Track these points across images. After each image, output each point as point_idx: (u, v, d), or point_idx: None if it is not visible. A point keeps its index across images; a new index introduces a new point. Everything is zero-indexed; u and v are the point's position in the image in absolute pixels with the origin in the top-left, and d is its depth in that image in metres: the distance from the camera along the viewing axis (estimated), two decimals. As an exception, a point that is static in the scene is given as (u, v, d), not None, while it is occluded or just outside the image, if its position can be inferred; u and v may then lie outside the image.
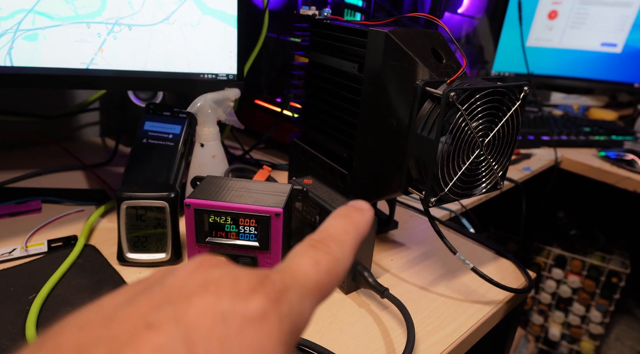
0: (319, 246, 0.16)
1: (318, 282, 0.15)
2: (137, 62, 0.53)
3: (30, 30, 0.48)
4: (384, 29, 0.43)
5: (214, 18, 0.54)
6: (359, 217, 0.18)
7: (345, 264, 0.16)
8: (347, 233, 0.17)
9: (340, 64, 0.50)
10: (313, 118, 0.57)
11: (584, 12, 1.17)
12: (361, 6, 0.74)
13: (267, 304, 0.13)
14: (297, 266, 0.15)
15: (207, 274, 0.13)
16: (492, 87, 0.40)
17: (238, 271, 0.14)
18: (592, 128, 1.07)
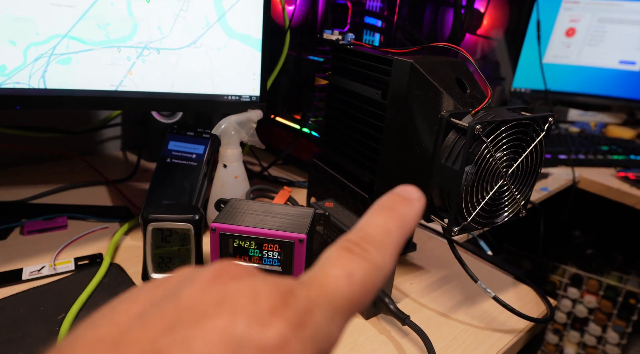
0: (355, 250, 0.14)
1: (351, 298, 0.13)
2: (164, 84, 0.54)
3: (64, 54, 0.49)
4: (408, 58, 0.44)
5: (240, 42, 0.55)
6: (406, 210, 0.15)
7: (386, 272, 0.14)
8: (390, 233, 0.14)
9: (363, 89, 0.51)
10: (334, 140, 0.58)
11: (602, 30, 1.16)
12: (380, 27, 0.75)
13: (288, 330, 0.11)
14: (327, 278, 0.13)
15: (225, 289, 0.12)
16: (517, 119, 0.40)
17: (259, 285, 0.12)
18: (610, 147, 1.06)
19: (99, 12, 0.49)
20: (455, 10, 0.71)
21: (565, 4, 1.17)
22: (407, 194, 0.16)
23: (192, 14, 0.52)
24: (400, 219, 0.15)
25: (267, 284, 0.12)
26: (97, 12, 0.49)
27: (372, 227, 0.15)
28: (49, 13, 0.47)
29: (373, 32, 0.75)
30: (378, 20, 0.75)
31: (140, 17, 0.50)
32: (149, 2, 0.50)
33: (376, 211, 0.15)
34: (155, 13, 0.51)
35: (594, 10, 1.15)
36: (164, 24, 0.51)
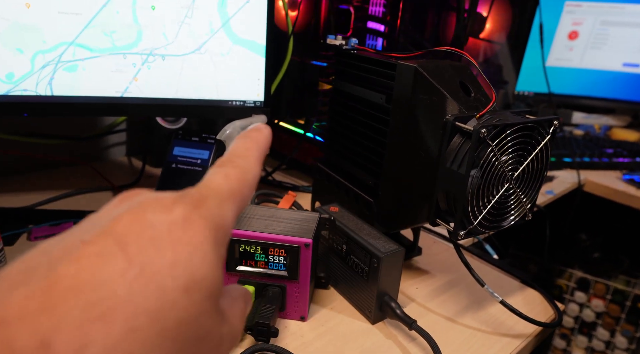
0: (226, 163, 0.18)
1: (231, 189, 0.17)
2: (168, 90, 0.55)
3: (71, 61, 0.50)
4: (412, 62, 0.44)
5: (244, 48, 0.56)
6: (257, 135, 0.20)
7: (253, 173, 0.18)
8: (249, 149, 0.19)
9: (367, 94, 0.51)
10: (338, 144, 0.58)
11: (605, 33, 1.16)
12: (383, 31, 0.75)
13: (188, 209, 0.14)
14: (210, 181, 0.17)
15: (131, 201, 0.15)
16: (523, 122, 0.40)
17: (158, 193, 0.15)
18: (615, 150, 1.05)
19: (105, 20, 0.49)
20: (458, 14, 0.71)
21: (568, 7, 1.17)
22: (257, 127, 0.21)
23: (196, 21, 0.52)
24: (255, 140, 0.20)
25: (165, 192, 0.15)
26: (102, 20, 0.49)
27: (235, 149, 0.19)
28: (56, 21, 0.47)
29: (376, 37, 0.75)
30: (381, 24, 0.75)
31: (145, 24, 0.51)
32: (154, 9, 0.50)
33: (236, 140, 0.20)
34: (160, 20, 0.51)
35: (597, 13, 1.15)
36: (168, 30, 0.52)
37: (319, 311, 0.46)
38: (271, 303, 0.41)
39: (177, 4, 0.51)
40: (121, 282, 0.12)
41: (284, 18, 0.78)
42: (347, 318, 0.45)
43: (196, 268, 0.13)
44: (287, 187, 0.76)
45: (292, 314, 0.44)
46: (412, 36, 0.73)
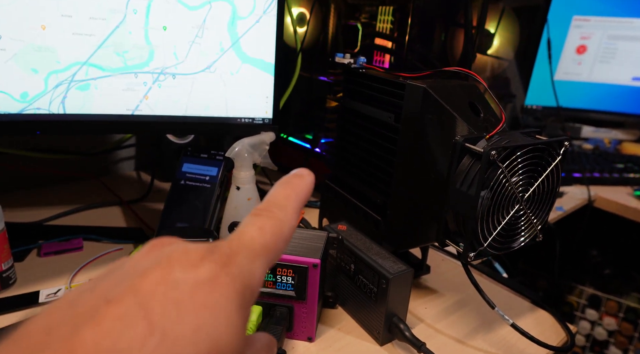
0: (262, 213, 0.17)
1: (264, 244, 0.16)
2: (178, 108, 0.55)
3: (83, 80, 0.51)
4: (421, 82, 0.44)
5: (253, 66, 0.56)
6: (299, 182, 0.19)
7: (290, 225, 0.18)
8: (288, 198, 0.18)
9: (375, 112, 0.51)
10: (346, 161, 0.58)
11: (613, 47, 1.16)
12: (391, 48, 0.75)
13: (216, 268, 0.14)
14: (243, 233, 0.16)
15: (160, 253, 0.15)
16: (533, 144, 0.40)
17: (188, 246, 0.15)
18: (626, 165, 1.04)
19: (118, 40, 0.50)
20: (466, 31, 0.71)
21: (576, 21, 1.17)
22: (299, 172, 0.20)
23: (207, 40, 0.53)
24: (295, 188, 0.19)
25: (195, 244, 0.15)
26: (115, 40, 0.50)
27: (274, 196, 0.19)
28: (70, 42, 0.48)
29: (384, 54, 0.76)
30: (388, 41, 0.75)
31: (157, 44, 0.52)
32: (165, 29, 0.51)
33: (276, 186, 0.19)
34: (172, 40, 0.52)
35: (605, 27, 1.15)
36: (179, 50, 0.53)
37: (327, 331, 0.46)
38: (279, 323, 0.41)
39: (189, 24, 0.52)
40: (142, 351, 0.12)
41: (292, 34, 0.79)
42: (355, 339, 0.45)
43: (220, 334, 0.13)
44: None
45: (299, 335, 0.44)
46: (419, 53, 0.74)
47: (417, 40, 0.74)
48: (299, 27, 0.87)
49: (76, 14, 0.48)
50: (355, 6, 0.83)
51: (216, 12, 0.52)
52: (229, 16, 0.53)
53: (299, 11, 0.86)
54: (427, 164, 0.45)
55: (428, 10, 0.72)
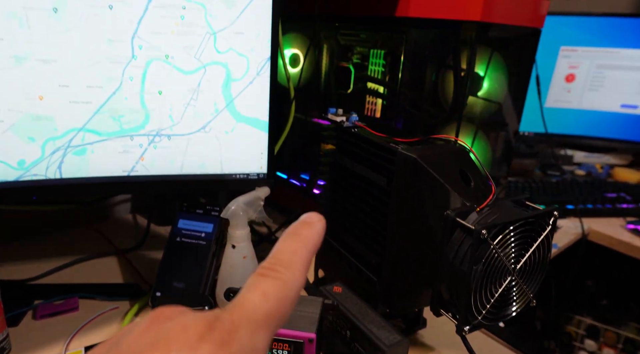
0: (267, 273, 0.16)
1: (268, 312, 0.15)
2: (174, 168, 0.56)
3: (80, 145, 0.51)
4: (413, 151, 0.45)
5: (247, 125, 0.57)
6: (308, 232, 0.18)
7: (297, 285, 0.16)
8: (296, 253, 0.17)
9: (368, 173, 0.52)
10: (339, 215, 0.59)
11: (602, 76, 1.18)
12: (382, 93, 0.76)
13: (216, 349, 0.13)
14: (245, 300, 0.15)
15: (159, 330, 0.14)
16: (523, 218, 0.41)
17: (188, 320, 0.14)
18: (618, 194, 1.05)
19: (114, 106, 0.51)
20: (455, 76, 0.73)
21: (563, 51, 1.19)
22: (308, 219, 0.19)
23: (202, 102, 0.54)
24: (304, 240, 0.18)
25: (195, 317, 0.14)
26: (112, 106, 0.51)
27: (280, 252, 0.17)
28: (67, 110, 0.49)
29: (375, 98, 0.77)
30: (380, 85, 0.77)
31: (152, 108, 0.52)
32: (161, 93, 0.52)
33: (283, 238, 0.18)
34: (167, 103, 0.53)
35: (592, 57, 1.17)
36: (175, 112, 0.53)
37: (324, 398, 0.46)
38: (276, 398, 0.41)
39: (184, 88, 0.53)
40: None
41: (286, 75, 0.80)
42: (352, 407, 0.45)
43: None
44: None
45: (296, 405, 0.44)
46: (411, 97, 0.75)
47: (408, 84, 0.75)
48: (293, 68, 0.89)
49: (74, 84, 0.48)
50: (348, 47, 0.84)
51: (211, 76, 0.53)
52: (223, 79, 0.53)
53: (292, 52, 0.88)
54: (419, 230, 0.45)
55: (418, 54, 0.73)
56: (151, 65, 0.50)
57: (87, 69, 0.48)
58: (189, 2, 0.49)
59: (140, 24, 0.48)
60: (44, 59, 0.46)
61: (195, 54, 0.51)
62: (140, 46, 0.49)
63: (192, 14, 0.49)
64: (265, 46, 0.54)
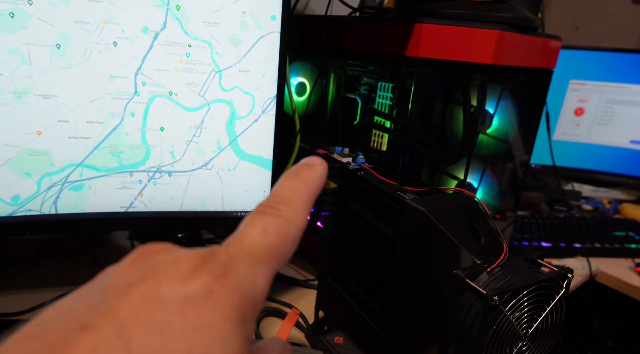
0: (267, 210, 0.15)
1: (268, 248, 0.14)
2: (174, 204, 0.54)
3: (77, 181, 0.50)
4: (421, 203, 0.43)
5: (251, 163, 0.55)
6: (309, 173, 0.17)
7: (298, 223, 0.15)
8: (297, 192, 0.16)
9: (373, 219, 0.50)
10: (341, 257, 0.57)
11: (611, 111, 1.17)
12: (389, 127, 0.75)
13: (210, 280, 0.12)
14: (244, 235, 0.14)
15: (146, 264, 0.13)
16: (536, 282, 0.38)
17: (180, 253, 0.13)
18: (627, 233, 1.03)
19: (114, 142, 0.49)
20: (465, 113, 0.71)
21: (573, 85, 1.18)
22: (310, 161, 0.18)
23: (204, 139, 0.52)
24: (305, 180, 0.17)
25: (188, 251, 0.13)
26: (111, 142, 0.49)
27: (281, 190, 0.16)
28: (66, 146, 0.48)
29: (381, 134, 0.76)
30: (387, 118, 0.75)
31: (153, 145, 0.51)
32: (162, 130, 0.51)
33: (284, 177, 0.17)
34: (169, 140, 0.51)
35: (602, 91, 1.16)
36: (176, 149, 0.52)
37: None
38: None
39: (186, 125, 0.51)
40: None
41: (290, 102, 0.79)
42: None
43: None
44: (289, 281, 0.74)
45: None
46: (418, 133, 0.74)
47: (416, 120, 0.74)
48: (299, 96, 0.88)
49: (73, 119, 0.47)
50: (355, 77, 0.83)
51: (214, 113, 0.52)
52: (227, 116, 0.52)
53: (298, 81, 0.87)
54: (426, 284, 0.43)
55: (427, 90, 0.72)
56: (154, 102, 0.49)
57: (88, 104, 0.47)
58: (195, 40, 0.48)
59: (144, 60, 0.47)
60: (44, 95, 0.45)
61: (199, 92, 0.50)
62: (143, 83, 0.48)
63: (197, 51, 0.48)
64: (271, 85, 0.53)
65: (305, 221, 0.16)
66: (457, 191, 0.46)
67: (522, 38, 0.58)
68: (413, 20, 0.55)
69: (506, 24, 0.56)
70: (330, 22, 0.70)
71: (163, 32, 0.47)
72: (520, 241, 0.95)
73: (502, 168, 0.85)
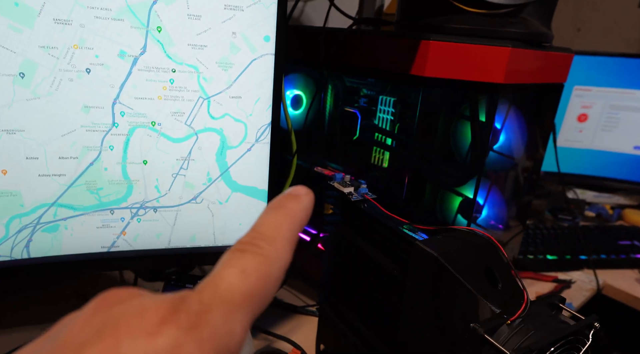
0: (246, 248, 0.14)
1: (247, 292, 0.13)
2: (161, 242, 0.50)
3: (51, 222, 0.45)
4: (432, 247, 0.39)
5: (244, 194, 0.51)
6: (294, 205, 0.16)
7: (280, 262, 0.14)
8: (280, 226, 0.15)
9: (378, 256, 0.46)
10: (342, 291, 0.53)
11: (615, 117, 1.14)
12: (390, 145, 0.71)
13: (180, 333, 0.11)
14: (219, 279, 0.13)
15: (107, 315, 0.11)
16: (562, 337, 0.35)
17: (146, 302, 0.11)
18: (632, 242, 1.00)
19: (91, 178, 0.45)
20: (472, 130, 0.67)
21: (577, 90, 1.15)
22: (295, 191, 0.16)
23: (193, 172, 0.48)
24: (290, 214, 0.15)
25: (156, 298, 0.12)
26: (88, 178, 0.45)
27: (262, 225, 0.15)
28: (36, 184, 0.43)
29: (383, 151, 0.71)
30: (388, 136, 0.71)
31: (136, 179, 0.46)
32: (146, 163, 0.46)
33: (266, 210, 0.16)
34: (153, 174, 0.47)
35: (606, 97, 1.13)
36: (162, 183, 0.47)
37: None
38: None
39: (172, 157, 0.47)
40: None
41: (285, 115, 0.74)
42: None
43: None
44: (287, 307, 0.70)
45: None
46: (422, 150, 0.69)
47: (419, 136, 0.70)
48: (294, 110, 0.83)
49: (43, 155, 0.42)
50: (354, 89, 0.79)
51: (203, 143, 0.47)
52: (218, 146, 0.48)
53: (294, 93, 0.82)
54: (439, 332, 0.40)
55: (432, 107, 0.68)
56: (135, 133, 0.44)
57: (59, 138, 0.42)
58: (179, 65, 0.43)
59: (122, 88, 0.42)
60: (7, 130, 0.40)
61: (186, 121, 0.45)
62: (122, 113, 0.43)
63: (183, 77, 0.44)
64: (265, 111, 0.48)
65: (289, 259, 0.15)
66: (470, 231, 0.42)
67: (535, 54, 0.54)
68: (418, 36, 0.51)
69: (518, 39, 0.52)
70: (329, 35, 0.65)
71: (143, 56, 0.42)
72: (526, 254, 0.92)
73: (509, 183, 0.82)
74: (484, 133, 0.61)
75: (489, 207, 0.77)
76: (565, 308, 0.39)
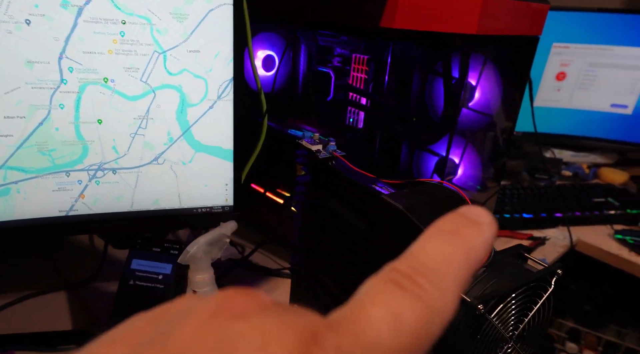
0: (405, 284, 0.11)
1: (397, 349, 0.10)
2: (122, 205, 0.48)
3: (2, 185, 0.43)
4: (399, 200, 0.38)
5: (209, 154, 0.49)
6: (474, 235, 0.12)
7: (444, 316, 0.11)
8: (452, 264, 0.11)
9: (346, 214, 0.45)
10: (313, 252, 0.53)
11: (594, 74, 1.13)
12: (365, 104, 0.69)
13: None
14: (366, 320, 0.10)
15: (226, 330, 0.10)
16: (523, 284, 0.35)
17: (270, 327, 0.09)
18: (606, 199, 1.02)
19: (42, 139, 0.42)
20: (446, 89, 0.66)
21: (555, 48, 1.13)
22: (475, 215, 0.12)
23: (152, 132, 0.46)
24: (466, 246, 0.12)
25: (282, 326, 0.10)
26: (39, 139, 0.42)
27: (428, 255, 0.11)
28: (-19, 147, 0.40)
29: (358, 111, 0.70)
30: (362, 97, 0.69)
31: (91, 140, 0.44)
32: (101, 123, 0.44)
33: (434, 234, 0.12)
34: (109, 134, 0.44)
35: (585, 54, 1.12)
36: (120, 143, 0.45)
37: None
38: None
39: (129, 116, 0.44)
40: None
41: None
42: None
43: None
44: (261, 269, 0.70)
45: None
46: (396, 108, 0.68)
47: (393, 95, 0.68)
48: (267, 72, 0.80)
49: (-14, 115, 0.40)
50: (328, 48, 0.76)
51: (161, 101, 0.45)
52: (177, 104, 0.45)
53: (265, 54, 0.79)
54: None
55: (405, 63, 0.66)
56: (86, 90, 0.42)
57: (2, 96, 0.39)
58: (129, 16, 0.40)
59: (68, 42, 0.39)
60: (-56, 88, 0.37)
61: (141, 77, 0.43)
62: (70, 68, 0.40)
63: (134, 29, 0.41)
64: (226, 65, 0.46)
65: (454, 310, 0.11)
66: (437, 184, 0.41)
67: (509, 4, 0.52)
68: (386, -16, 0.48)
69: (490, -14, 0.49)
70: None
71: (88, 6, 0.39)
72: (502, 213, 0.93)
73: (484, 141, 0.81)
74: (456, 87, 0.60)
75: (464, 167, 0.77)
76: (530, 257, 0.39)
